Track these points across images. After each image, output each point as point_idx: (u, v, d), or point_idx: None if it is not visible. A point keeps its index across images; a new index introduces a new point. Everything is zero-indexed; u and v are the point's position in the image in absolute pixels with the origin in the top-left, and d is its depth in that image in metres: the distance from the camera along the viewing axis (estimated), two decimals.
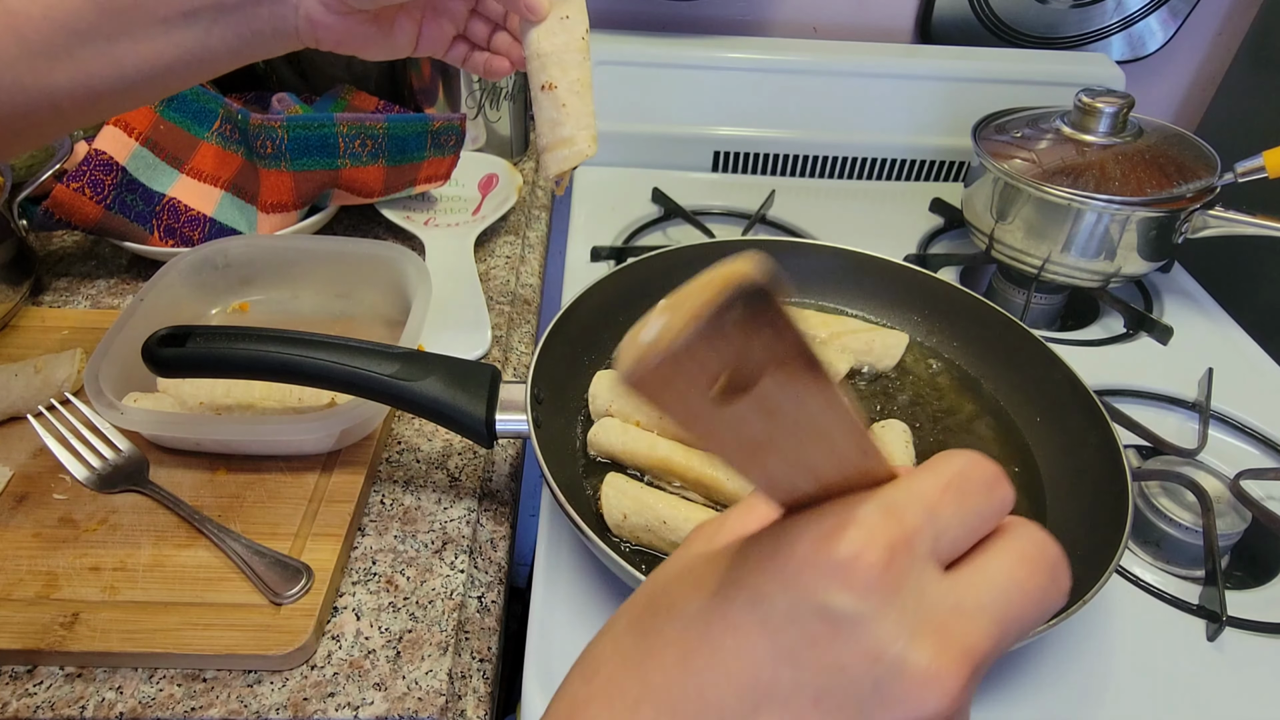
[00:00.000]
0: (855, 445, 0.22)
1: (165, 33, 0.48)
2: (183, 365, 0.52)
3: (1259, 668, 0.54)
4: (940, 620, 0.22)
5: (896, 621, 0.21)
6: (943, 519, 0.23)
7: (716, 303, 0.17)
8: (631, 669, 0.24)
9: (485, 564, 0.57)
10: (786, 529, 0.23)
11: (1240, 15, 1.07)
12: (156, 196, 0.77)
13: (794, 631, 0.22)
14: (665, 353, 0.17)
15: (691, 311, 0.17)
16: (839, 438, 0.21)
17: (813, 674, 0.21)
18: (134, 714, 0.46)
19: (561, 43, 0.54)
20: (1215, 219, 0.80)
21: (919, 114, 1.04)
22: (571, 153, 0.55)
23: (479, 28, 0.60)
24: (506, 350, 0.75)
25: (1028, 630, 0.23)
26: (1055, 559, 0.24)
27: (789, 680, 0.22)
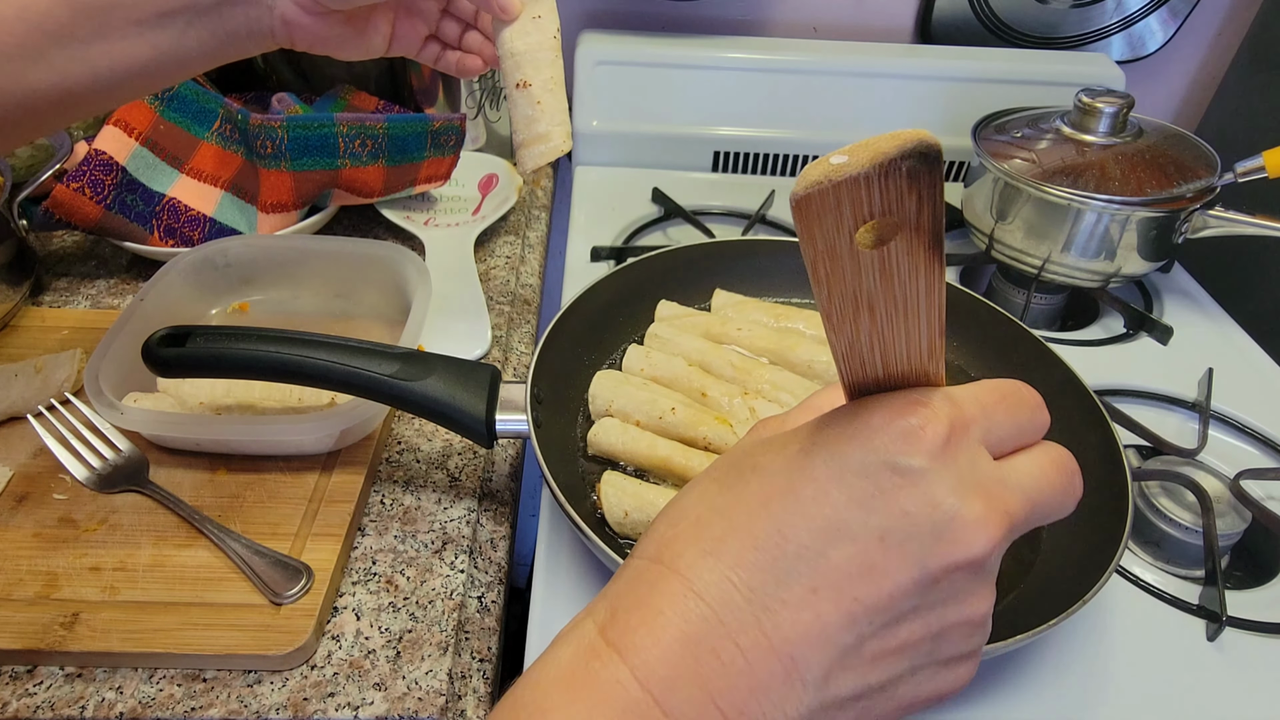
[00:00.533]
0: (929, 341, 0.26)
1: (140, 34, 0.48)
2: (183, 365, 0.52)
3: (1259, 668, 0.54)
4: (986, 487, 0.27)
5: (953, 481, 0.26)
6: (994, 419, 0.28)
7: (898, 149, 0.21)
8: (717, 513, 0.28)
9: (485, 564, 0.57)
10: (860, 406, 0.27)
11: (1240, 15, 1.07)
12: (156, 196, 0.77)
13: (866, 482, 0.26)
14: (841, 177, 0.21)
15: (873, 153, 0.21)
16: (923, 326, 0.26)
17: (880, 517, 0.26)
18: (134, 714, 0.46)
19: (534, 42, 0.55)
20: (1215, 219, 0.80)
21: (919, 114, 1.04)
22: (548, 148, 0.57)
23: (450, 27, 0.61)
24: (506, 350, 0.75)
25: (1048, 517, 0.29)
26: (1076, 470, 0.30)
27: (859, 521, 0.26)
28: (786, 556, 0.26)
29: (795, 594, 0.26)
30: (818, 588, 0.26)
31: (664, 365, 0.66)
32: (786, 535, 0.26)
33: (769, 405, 0.63)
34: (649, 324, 0.72)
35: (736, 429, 0.60)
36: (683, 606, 0.26)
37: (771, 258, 0.78)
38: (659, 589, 0.27)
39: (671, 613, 0.26)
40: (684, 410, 0.61)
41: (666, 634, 0.26)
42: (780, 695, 0.26)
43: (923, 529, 0.26)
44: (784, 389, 0.65)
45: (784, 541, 0.26)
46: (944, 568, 0.26)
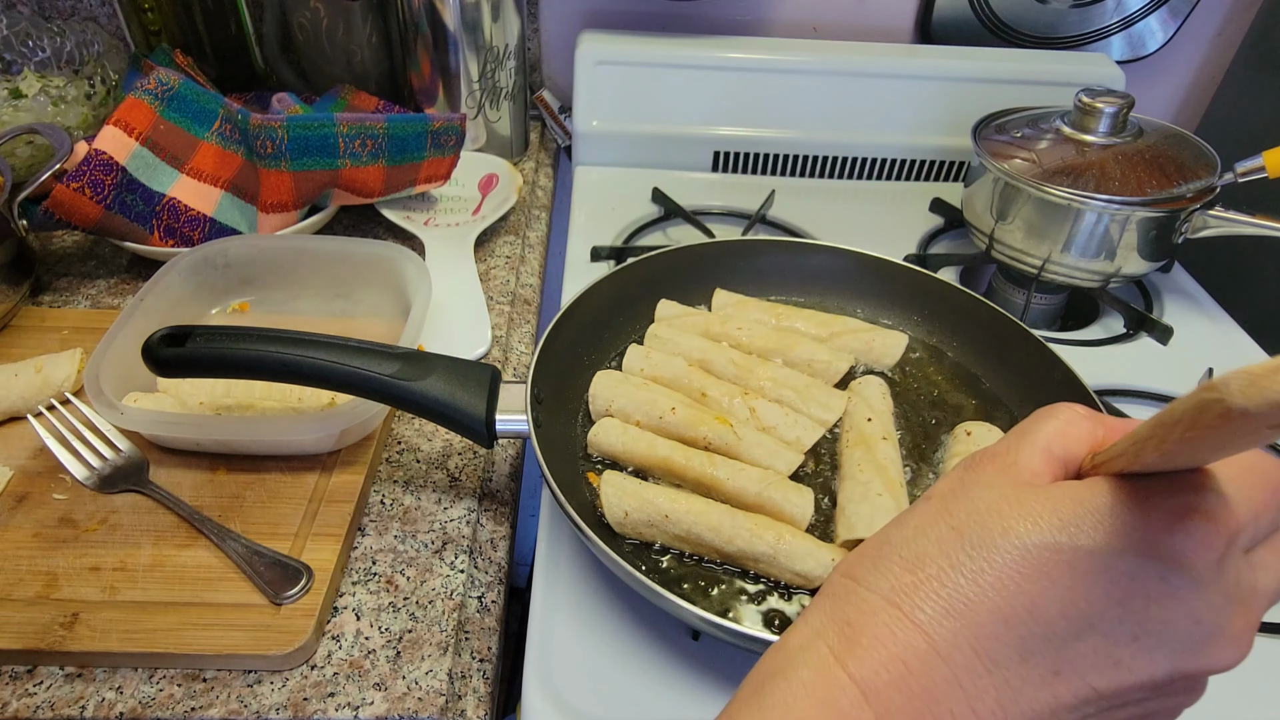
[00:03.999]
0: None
1: None
2: (183, 365, 0.52)
3: (1259, 668, 0.54)
4: (1246, 602, 0.27)
5: (1220, 600, 0.27)
6: (1261, 524, 0.28)
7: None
8: (961, 573, 0.28)
9: (485, 564, 0.57)
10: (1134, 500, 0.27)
11: (1240, 15, 1.07)
12: (156, 196, 0.77)
13: (1132, 585, 0.26)
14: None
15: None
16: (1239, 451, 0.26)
17: (1139, 621, 0.26)
18: (134, 714, 0.46)
19: None
20: (1215, 219, 0.80)
21: (919, 114, 1.04)
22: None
23: None
24: (506, 350, 0.75)
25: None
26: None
27: (1114, 616, 0.26)
28: (1034, 636, 0.27)
29: (1037, 674, 0.27)
30: (1060, 671, 0.27)
31: (664, 365, 0.66)
32: (1037, 616, 0.27)
33: (769, 405, 0.63)
34: (649, 324, 0.72)
35: (737, 429, 0.60)
36: (929, 667, 0.27)
37: (771, 258, 0.78)
38: (900, 639, 0.28)
39: (919, 669, 0.27)
40: (684, 410, 0.61)
41: (910, 689, 0.27)
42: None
43: (1180, 639, 0.27)
44: (785, 386, 0.65)
45: (1033, 622, 0.27)
46: (1191, 673, 0.27)
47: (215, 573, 0.51)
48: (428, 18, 0.91)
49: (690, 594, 0.52)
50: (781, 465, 0.58)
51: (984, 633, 0.27)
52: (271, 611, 0.49)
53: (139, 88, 0.77)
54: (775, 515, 0.54)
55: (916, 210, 1.02)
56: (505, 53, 0.95)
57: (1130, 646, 0.26)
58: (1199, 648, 0.27)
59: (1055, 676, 0.27)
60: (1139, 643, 0.26)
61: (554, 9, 1.09)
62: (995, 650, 0.27)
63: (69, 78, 0.88)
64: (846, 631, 0.28)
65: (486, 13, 0.91)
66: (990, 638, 0.27)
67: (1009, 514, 0.28)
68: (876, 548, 0.30)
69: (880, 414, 0.63)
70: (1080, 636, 0.26)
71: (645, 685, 0.50)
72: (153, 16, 0.97)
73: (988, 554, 0.27)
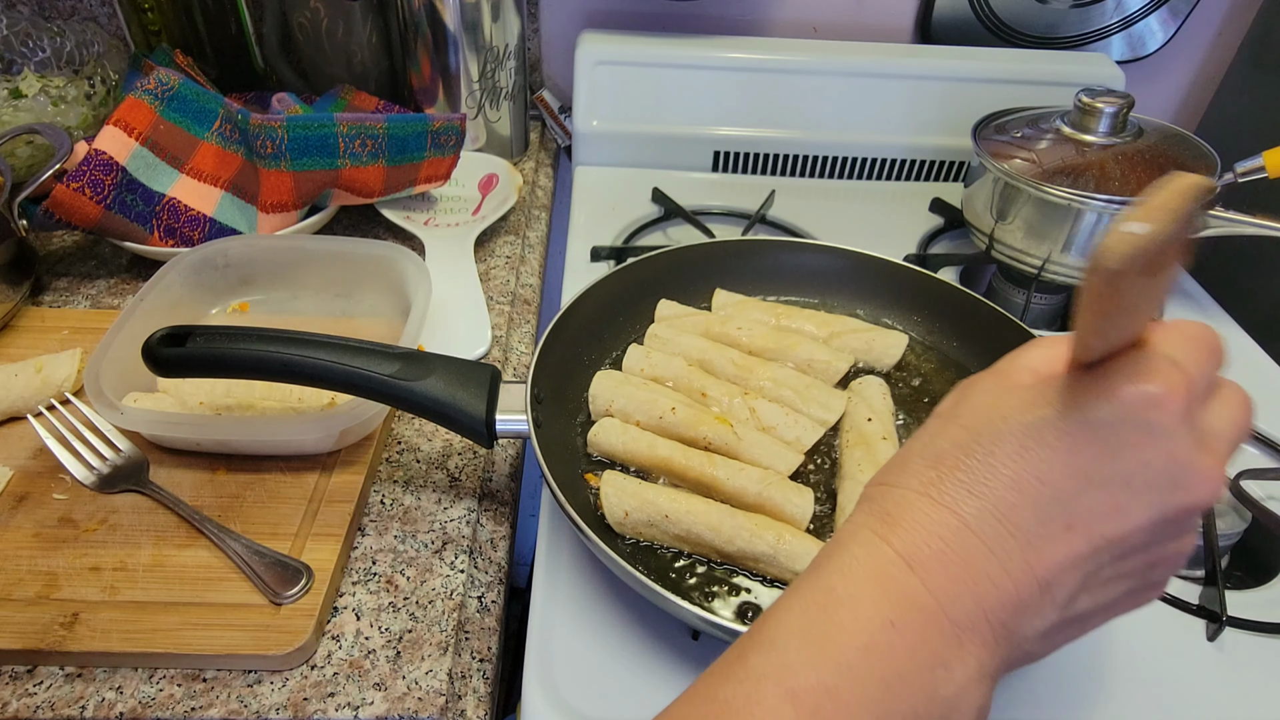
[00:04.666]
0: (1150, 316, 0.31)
1: None
2: (183, 365, 0.52)
3: (1259, 668, 0.54)
4: (1209, 443, 0.32)
5: (1188, 439, 0.31)
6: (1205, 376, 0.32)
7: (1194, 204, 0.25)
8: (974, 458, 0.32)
9: (485, 564, 0.57)
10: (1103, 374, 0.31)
11: (1240, 15, 1.07)
12: (156, 196, 0.77)
13: (1116, 439, 0.31)
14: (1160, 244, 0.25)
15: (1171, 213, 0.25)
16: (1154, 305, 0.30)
17: (1126, 467, 0.31)
18: (134, 714, 0.46)
19: None
20: (1215, 219, 0.79)
21: (919, 114, 1.04)
22: None
23: None
24: (506, 350, 0.75)
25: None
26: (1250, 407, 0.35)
27: (1109, 470, 0.31)
28: (1045, 499, 0.31)
29: (1053, 530, 0.31)
30: (1072, 525, 0.31)
31: (664, 365, 0.66)
32: (1044, 481, 0.31)
33: (769, 404, 0.63)
34: (649, 324, 0.72)
35: (736, 428, 0.60)
36: (962, 537, 0.31)
37: (771, 258, 0.78)
38: (936, 519, 0.32)
39: (954, 541, 0.31)
40: (684, 410, 0.61)
41: (948, 558, 0.31)
42: (1034, 612, 0.31)
43: (1163, 479, 0.31)
44: (785, 386, 0.65)
45: (1043, 486, 0.31)
46: (1178, 510, 0.31)
47: (215, 573, 0.51)
48: (428, 18, 0.91)
49: (690, 594, 0.52)
50: (781, 465, 0.58)
51: (1004, 504, 0.31)
52: (271, 611, 0.49)
53: (139, 88, 0.77)
54: (775, 515, 0.54)
55: (916, 210, 1.02)
56: (505, 53, 0.95)
57: (1124, 493, 0.31)
58: (1179, 485, 0.31)
59: (1069, 531, 0.31)
60: (1131, 489, 0.31)
61: (554, 9, 1.09)
62: (1016, 517, 0.31)
63: (69, 78, 0.88)
64: (887, 520, 0.33)
65: (486, 13, 0.91)
66: (1010, 507, 0.31)
67: (1007, 405, 0.33)
68: (900, 458, 0.35)
69: (880, 414, 0.63)
70: (1083, 492, 0.31)
71: (645, 685, 0.50)
72: (153, 16, 0.97)
73: (995, 439, 0.32)
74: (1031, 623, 0.32)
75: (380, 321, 0.73)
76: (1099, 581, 0.32)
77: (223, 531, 0.53)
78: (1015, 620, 0.31)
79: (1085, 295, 0.28)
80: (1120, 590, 0.33)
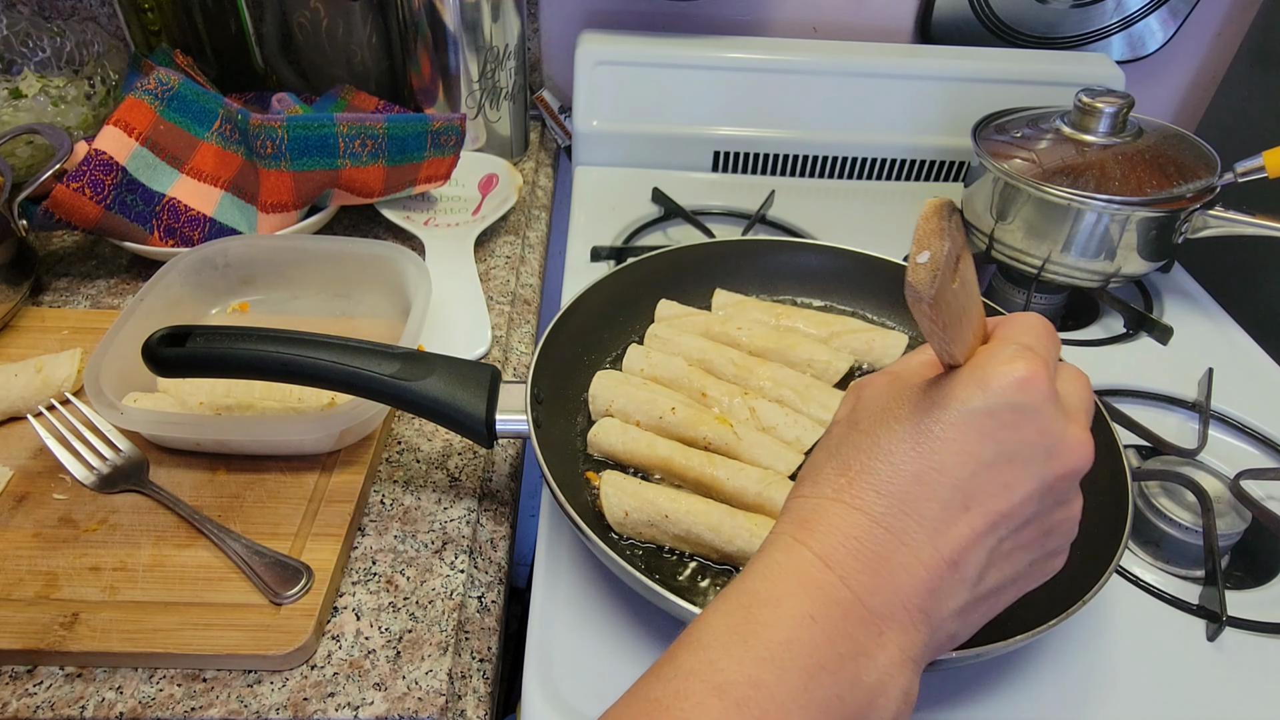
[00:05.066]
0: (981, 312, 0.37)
1: None
2: (183, 365, 0.52)
3: (1259, 668, 0.54)
4: (1071, 414, 0.36)
5: (1055, 413, 0.35)
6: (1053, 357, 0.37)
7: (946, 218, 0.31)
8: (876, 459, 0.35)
9: (485, 564, 0.57)
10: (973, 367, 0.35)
11: (1240, 15, 1.07)
12: (156, 196, 0.77)
13: (993, 421, 0.34)
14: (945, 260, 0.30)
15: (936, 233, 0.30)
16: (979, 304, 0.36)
17: (1006, 446, 0.34)
18: (134, 714, 0.46)
19: None
20: (1215, 219, 0.80)
21: (919, 114, 1.04)
22: None
23: None
24: (506, 350, 0.75)
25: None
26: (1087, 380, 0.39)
27: (991, 450, 0.34)
28: (944, 486, 0.34)
29: (954, 514, 0.34)
30: (969, 506, 0.34)
31: (664, 365, 0.66)
32: (942, 470, 0.34)
33: (769, 404, 0.63)
34: (649, 324, 0.72)
35: (736, 429, 0.60)
36: (873, 534, 0.34)
37: (771, 258, 0.78)
38: (849, 520, 0.35)
39: (867, 539, 0.34)
40: (684, 410, 0.61)
41: (863, 554, 0.34)
42: (948, 593, 0.34)
43: (1040, 452, 0.34)
44: (785, 386, 0.65)
45: (941, 475, 0.34)
46: (1057, 477, 0.35)
47: (215, 573, 0.51)
48: (428, 18, 0.91)
49: (690, 594, 0.52)
50: (781, 465, 0.58)
51: (909, 497, 0.34)
52: (271, 611, 0.49)
53: (139, 88, 0.77)
54: (775, 515, 0.54)
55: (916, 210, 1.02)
56: (505, 53, 0.95)
57: (1009, 470, 0.34)
58: (1054, 454, 0.35)
59: (967, 511, 0.34)
60: (1014, 464, 0.34)
61: (554, 9, 1.09)
62: (921, 508, 0.34)
63: (69, 78, 0.88)
64: (805, 526, 0.35)
65: (486, 13, 0.91)
66: (914, 499, 0.34)
67: (897, 408, 0.36)
68: (811, 468, 0.38)
69: None
70: (975, 475, 0.34)
71: None
72: (153, 16, 0.97)
73: (893, 440, 0.35)
74: (947, 603, 0.34)
75: (380, 321, 0.73)
76: (1002, 554, 0.35)
77: (223, 531, 0.53)
78: (931, 603, 0.34)
79: (921, 322, 0.32)
80: (1024, 561, 0.37)
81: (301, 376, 0.52)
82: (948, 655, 0.43)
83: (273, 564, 0.51)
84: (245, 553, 0.52)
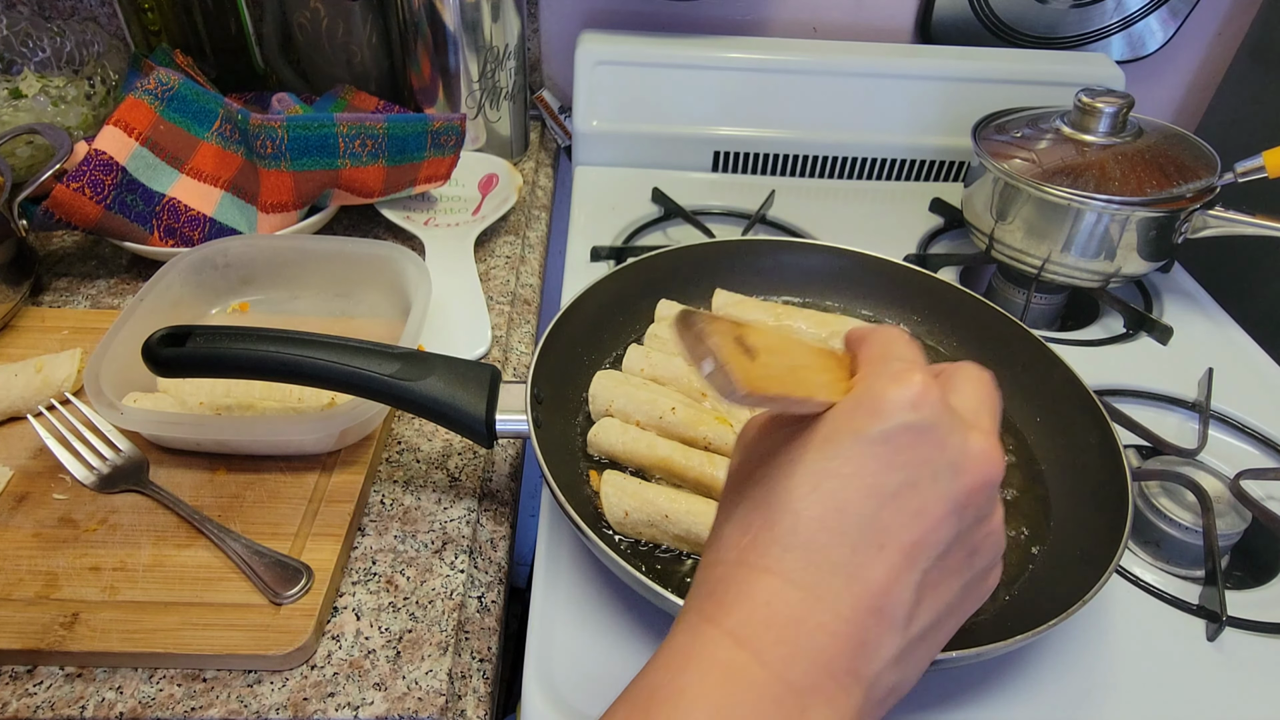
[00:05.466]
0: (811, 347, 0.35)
1: None
2: (183, 365, 0.52)
3: (1259, 668, 0.54)
4: (969, 421, 0.33)
5: (953, 424, 0.32)
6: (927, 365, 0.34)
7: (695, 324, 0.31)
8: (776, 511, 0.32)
9: (485, 564, 0.57)
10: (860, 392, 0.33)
11: (1240, 15, 1.07)
12: (156, 196, 0.77)
13: (889, 446, 0.31)
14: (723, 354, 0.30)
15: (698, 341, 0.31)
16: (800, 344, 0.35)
17: (908, 470, 0.31)
18: (134, 714, 0.46)
19: None
20: (1215, 219, 0.80)
21: (919, 114, 1.04)
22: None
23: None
24: (506, 350, 0.75)
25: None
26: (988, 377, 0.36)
27: (895, 479, 0.31)
28: (850, 527, 0.31)
29: (868, 555, 0.31)
30: (883, 544, 0.31)
31: (664, 365, 0.66)
32: (844, 510, 0.31)
33: None
34: (649, 324, 0.72)
35: (736, 429, 0.60)
36: (785, 595, 0.30)
37: (771, 258, 0.78)
38: (758, 585, 0.31)
39: (778, 602, 0.30)
40: (684, 410, 0.61)
41: (777, 622, 0.30)
42: (878, 644, 0.31)
43: (945, 469, 0.31)
44: None
45: (844, 516, 0.31)
46: (968, 492, 0.32)
47: (215, 573, 0.51)
48: (428, 18, 0.91)
49: None
50: None
51: (817, 545, 0.31)
52: (271, 611, 0.49)
53: (139, 88, 0.77)
54: None
55: (916, 210, 1.02)
56: (505, 53, 0.95)
57: (916, 495, 0.31)
58: (960, 469, 0.32)
59: (882, 550, 0.31)
60: (920, 488, 0.31)
61: (554, 9, 1.09)
62: (832, 555, 0.31)
63: (69, 78, 0.88)
64: (712, 598, 0.32)
65: (486, 13, 0.91)
66: (823, 547, 0.31)
67: (789, 451, 0.33)
68: (714, 533, 0.35)
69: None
70: (882, 507, 0.31)
71: None
72: (153, 16, 0.97)
73: (789, 488, 0.32)
74: (878, 655, 0.31)
75: (380, 321, 0.73)
76: (929, 587, 0.32)
77: (223, 531, 0.53)
78: (860, 660, 0.30)
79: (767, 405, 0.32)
80: (954, 589, 0.33)
81: (301, 376, 0.52)
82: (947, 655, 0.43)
83: (273, 564, 0.51)
84: (245, 553, 0.52)
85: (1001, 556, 0.36)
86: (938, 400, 0.32)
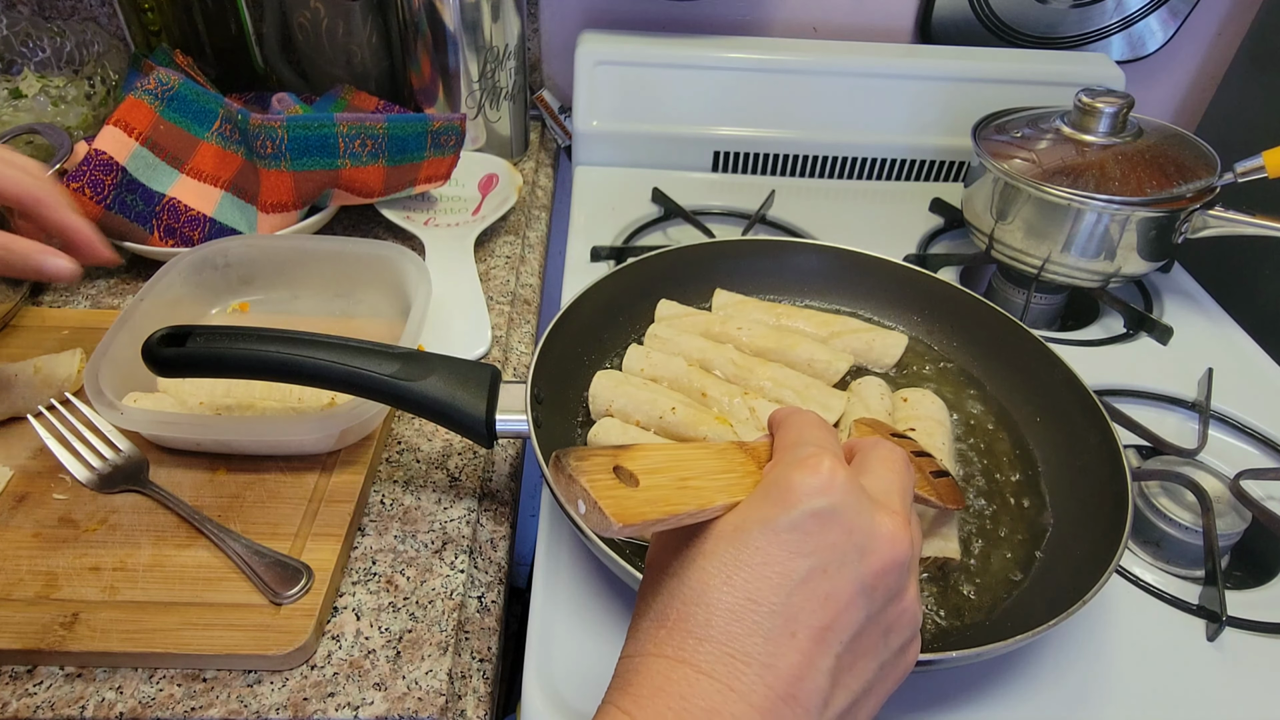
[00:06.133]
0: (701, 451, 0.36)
1: None
2: (183, 365, 0.52)
3: (1259, 668, 0.54)
4: (878, 501, 0.34)
5: (858, 507, 0.33)
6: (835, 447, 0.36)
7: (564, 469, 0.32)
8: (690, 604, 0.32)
9: (485, 564, 0.57)
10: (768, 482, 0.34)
11: (1240, 15, 1.07)
12: (156, 196, 0.77)
13: (797, 534, 0.32)
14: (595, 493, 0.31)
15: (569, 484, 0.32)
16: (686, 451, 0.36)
17: (816, 555, 0.32)
18: (134, 714, 0.46)
19: None
20: (1215, 219, 0.80)
21: (919, 114, 1.04)
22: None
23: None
24: (506, 350, 0.75)
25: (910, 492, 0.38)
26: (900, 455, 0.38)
27: (803, 565, 0.32)
28: (763, 617, 0.31)
29: (780, 643, 0.31)
30: (795, 631, 0.31)
31: (664, 365, 0.66)
32: (756, 600, 0.31)
33: (769, 405, 0.63)
34: (649, 324, 0.72)
35: (736, 429, 0.60)
36: (700, 687, 0.31)
37: (771, 258, 0.78)
38: (673, 678, 0.31)
39: (692, 694, 0.31)
40: (684, 410, 0.61)
41: (693, 712, 0.30)
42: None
43: (851, 552, 0.32)
44: (785, 386, 0.65)
45: (756, 606, 0.31)
46: (876, 574, 0.33)
47: (215, 573, 0.51)
48: (428, 18, 0.91)
49: None
50: None
51: (730, 636, 0.31)
52: (271, 611, 0.49)
53: (139, 88, 0.77)
54: None
55: (916, 210, 1.02)
56: (505, 53, 0.95)
57: (825, 580, 0.32)
58: (867, 551, 0.33)
59: (793, 637, 0.31)
60: (829, 573, 0.32)
61: (554, 9, 1.09)
62: (745, 645, 0.31)
63: (69, 78, 0.88)
64: (629, 691, 0.32)
65: (486, 13, 0.91)
66: (735, 637, 0.31)
67: (701, 544, 0.34)
68: (634, 625, 0.35)
69: (879, 414, 0.63)
70: (791, 594, 0.31)
71: None
72: (153, 16, 0.97)
73: (702, 580, 0.33)
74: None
75: (380, 321, 0.73)
76: (844, 669, 0.32)
77: (223, 531, 0.53)
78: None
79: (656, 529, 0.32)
80: (871, 670, 0.34)
81: (301, 376, 0.52)
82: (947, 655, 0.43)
83: (273, 564, 0.51)
84: (245, 553, 0.52)
85: (919, 631, 0.37)
86: (844, 484, 0.33)
